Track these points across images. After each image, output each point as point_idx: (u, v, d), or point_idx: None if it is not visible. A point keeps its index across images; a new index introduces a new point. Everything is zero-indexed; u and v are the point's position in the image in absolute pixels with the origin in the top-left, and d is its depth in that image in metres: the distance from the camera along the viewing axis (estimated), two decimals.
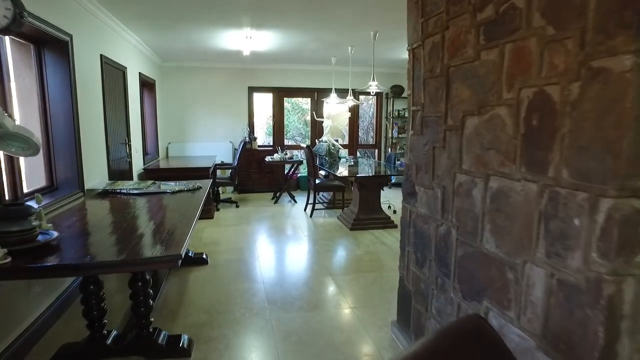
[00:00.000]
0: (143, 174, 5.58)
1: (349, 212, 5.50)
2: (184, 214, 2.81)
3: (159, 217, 2.87)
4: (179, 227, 2.40)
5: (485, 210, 1.69)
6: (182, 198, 3.48)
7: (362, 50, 6.11)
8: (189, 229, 2.32)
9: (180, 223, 2.49)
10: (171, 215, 2.89)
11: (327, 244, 4.66)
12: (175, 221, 2.62)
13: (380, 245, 4.60)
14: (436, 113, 2.07)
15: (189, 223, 2.52)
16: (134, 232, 2.39)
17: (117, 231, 2.38)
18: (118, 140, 4.64)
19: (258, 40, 5.47)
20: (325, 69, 7.82)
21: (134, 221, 2.69)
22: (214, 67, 7.60)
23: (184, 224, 2.48)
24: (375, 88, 4.88)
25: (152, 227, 2.50)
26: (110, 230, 2.42)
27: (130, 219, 2.77)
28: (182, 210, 3.01)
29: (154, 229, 2.46)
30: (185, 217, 2.72)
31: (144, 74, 6.08)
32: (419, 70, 2.27)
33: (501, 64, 1.54)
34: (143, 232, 2.39)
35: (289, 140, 10.59)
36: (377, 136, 8.70)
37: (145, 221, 2.74)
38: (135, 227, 2.51)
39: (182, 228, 2.38)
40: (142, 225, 2.59)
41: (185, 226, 2.40)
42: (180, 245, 2.00)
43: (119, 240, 2.19)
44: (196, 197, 3.52)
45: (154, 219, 2.80)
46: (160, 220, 2.72)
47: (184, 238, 2.13)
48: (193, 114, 7.71)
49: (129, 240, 2.16)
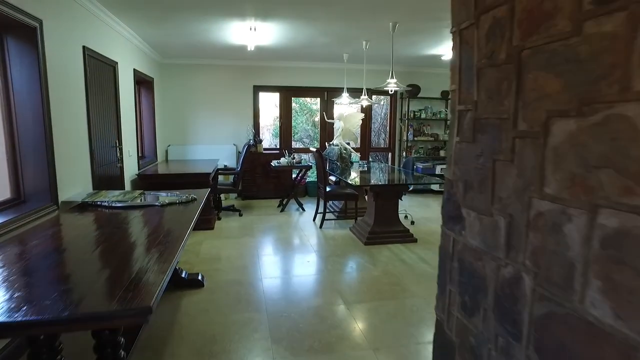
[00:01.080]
0: (137, 181, 5.09)
1: (363, 223, 4.97)
2: (170, 237, 2.30)
3: (139, 241, 2.35)
4: (158, 260, 1.89)
5: (589, 258, 1.14)
6: (172, 212, 2.98)
7: (378, 46, 5.58)
8: (170, 265, 1.80)
9: (160, 256, 1.97)
10: (153, 238, 2.37)
11: (339, 261, 4.13)
12: (153, 250, 2.11)
13: (399, 263, 4.06)
14: (498, 114, 1.52)
15: (172, 251, 2.01)
16: (100, 264, 1.88)
17: (78, 265, 1.87)
18: (106, 143, 4.16)
19: (263, 33, 4.96)
20: (337, 66, 7.29)
21: (106, 247, 2.18)
22: (217, 65, 7.11)
23: (165, 255, 1.96)
24: (394, 86, 4.34)
25: (125, 259, 1.99)
26: (69, 263, 1.91)
27: (102, 242, 2.26)
28: (170, 229, 2.50)
29: (126, 262, 1.95)
30: (170, 241, 2.21)
31: (141, 71, 5.60)
32: (469, 58, 1.73)
33: (631, 38, 1.00)
34: (110, 266, 1.88)
35: (297, 143, 10.09)
36: (390, 139, 8.15)
37: (120, 248, 2.22)
38: (103, 258, 2.00)
39: (161, 262, 1.86)
40: (113, 254, 2.07)
41: (166, 259, 1.88)
42: (151, 294, 1.48)
43: (77, 281, 1.67)
44: (189, 211, 3.01)
45: (131, 244, 2.29)
46: (139, 247, 2.21)
47: (159, 280, 1.61)
48: (194, 115, 7.23)
49: (87, 282, 1.65)
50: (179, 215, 2.88)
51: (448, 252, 1.96)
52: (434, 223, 5.68)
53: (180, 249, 2.14)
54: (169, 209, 3.04)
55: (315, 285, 3.59)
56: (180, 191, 3.51)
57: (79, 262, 1.92)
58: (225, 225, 5.50)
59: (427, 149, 8.09)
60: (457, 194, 1.85)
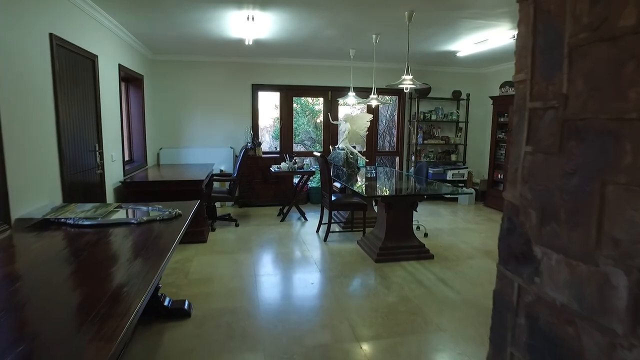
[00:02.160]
0: (121, 189, 4.58)
1: (373, 237, 4.45)
2: (140, 268, 1.79)
3: (100, 274, 1.83)
4: (116, 312, 1.37)
5: None
6: (150, 232, 2.46)
7: (389, 40, 5.08)
8: (129, 319, 1.29)
9: (115, 302, 1.45)
10: (120, 268, 1.86)
11: (347, 283, 3.61)
12: (114, 285, 1.60)
13: (416, 286, 3.54)
14: (613, 112, 1.01)
15: (138, 293, 1.50)
16: (32, 324, 1.37)
17: (25, 304, 1.36)
18: (83, 146, 3.65)
19: (262, 25, 4.45)
20: (342, 64, 6.79)
21: (49, 291, 1.65)
22: (213, 62, 6.60)
23: (125, 300, 1.45)
24: (409, 83, 3.84)
25: (69, 311, 1.48)
26: (16, 299, 1.40)
27: (49, 280, 1.74)
28: (142, 257, 1.99)
29: (70, 315, 1.44)
30: (139, 274, 1.71)
31: (128, 67, 5.09)
32: (554, 33, 1.22)
33: None
34: (43, 328, 1.36)
35: (298, 145, 9.58)
36: (398, 142, 7.64)
37: (69, 290, 1.71)
38: (39, 311, 1.48)
39: (120, 314, 1.34)
40: (55, 303, 1.56)
41: (126, 313, 1.36)
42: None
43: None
44: (171, 229, 2.50)
45: (84, 282, 1.77)
46: (99, 282, 1.69)
47: (117, 334, 1.10)
48: (188, 116, 6.72)
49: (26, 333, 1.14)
50: (157, 237, 2.37)
51: (509, 303, 1.42)
52: (448, 235, 5.17)
53: (150, 289, 1.63)
54: (148, 228, 2.53)
55: (321, 314, 3.07)
56: (165, 204, 3.00)
57: (26, 298, 1.40)
58: (219, 237, 4.98)
59: (438, 152, 7.59)
60: (526, 225, 1.31)
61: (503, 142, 6.68)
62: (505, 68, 6.92)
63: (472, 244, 4.79)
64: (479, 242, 4.89)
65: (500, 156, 6.76)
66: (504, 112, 6.61)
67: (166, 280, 3.59)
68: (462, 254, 4.44)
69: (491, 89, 7.13)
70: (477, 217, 6.20)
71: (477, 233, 5.29)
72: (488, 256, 4.36)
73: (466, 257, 4.32)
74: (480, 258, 4.30)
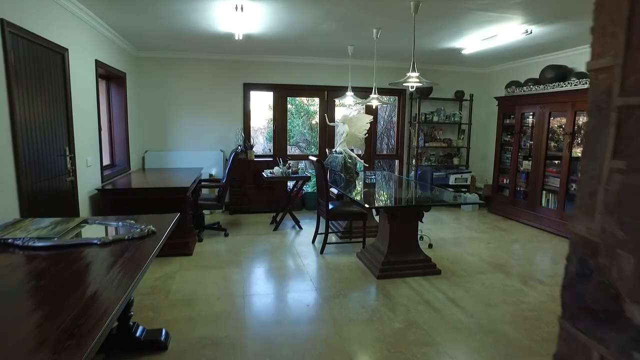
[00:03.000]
0: (97, 197, 4.16)
1: (374, 250, 4.07)
2: (88, 314, 1.39)
3: (46, 313, 1.43)
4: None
5: None
6: (116, 254, 2.06)
7: (390, 36, 4.71)
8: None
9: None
10: (65, 308, 1.45)
11: (347, 305, 3.22)
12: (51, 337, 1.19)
13: (425, 308, 3.16)
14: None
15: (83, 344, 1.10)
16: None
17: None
18: (49, 151, 3.24)
19: (252, 16, 4.06)
20: (339, 62, 6.42)
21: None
22: (202, 59, 6.20)
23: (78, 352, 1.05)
24: (415, 81, 3.47)
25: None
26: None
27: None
28: (96, 292, 1.59)
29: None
30: (86, 324, 1.31)
31: (107, 63, 4.68)
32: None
33: None
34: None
35: (292, 148, 9.19)
36: (398, 145, 7.27)
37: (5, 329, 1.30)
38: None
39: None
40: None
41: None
42: None
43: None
44: (143, 250, 2.10)
45: (22, 321, 1.37)
46: (39, 329, 1.29)
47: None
48: (176, 117, 6.30)
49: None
50: (124, 261, 1.96)
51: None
52: (454, 246, 4.80)
53: (95, 341, 1.23)
54: (113, 250, 2.13)
55: (318, 344, 2.67)
56: (141, 218, 2.60)
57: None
58: (207, 249, 4.58)
59: (439, 156, 7.22)
60: (612, 272, 0.91)
61: (509, 145, 6.32)
62: (511, 67, 6.58)
63: (480, 256, 4.42)
64: (487, 253, 4.53)
65: (506, 160, 6.41)
66: (510, 113, 6.26)
67: (143, 301, 3.19)
68: (471, 268, 4.07)
69: (495, 89, 6.78)
70: (482, 225, 5.84)
71: (485, 243, 4.92)
72: (499, 270, 3.99)
73: (476, 272, 3.95)
74: (491, 273, 3.93)
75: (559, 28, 4.35)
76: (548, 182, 5.58)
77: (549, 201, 5.56)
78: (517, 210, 6.07)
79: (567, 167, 5.19)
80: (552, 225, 5.42)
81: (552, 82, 5.38)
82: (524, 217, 5.91)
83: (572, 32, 4.53)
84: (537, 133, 5.66)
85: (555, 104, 5.37)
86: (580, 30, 4.44)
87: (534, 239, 5.17)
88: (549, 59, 5.76)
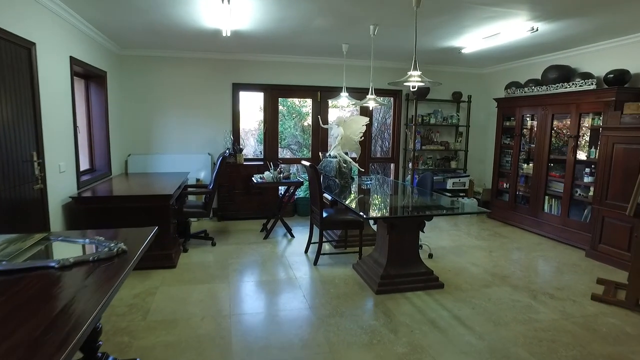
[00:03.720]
0: (71, 206, 3.83)
1: (372, 262, 3.79)
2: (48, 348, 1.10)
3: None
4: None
5: None
6: (78, 279, 1.75)
7: (388, 32, 4.45)
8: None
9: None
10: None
11: (344, 325, 2.93)
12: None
13: (429, 328, 2.89)
14: None
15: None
16: None
17: None
18: (13, 156, 2.91)
19: (240, 10, 3.77)
20: (333, 62, 6.16)
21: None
22: (188, 58, 5.88)
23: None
24: (417, 80, 3.19)
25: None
26: None
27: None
28: (54, 329, 1.29)
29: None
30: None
31: (85, 61, 4.35)
32: None
33: None
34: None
35: (284, 150, 8.89)
36: (393, 147, 7.01)
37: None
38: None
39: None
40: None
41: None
42: None
43: None
44: (109, 274, 1.79)
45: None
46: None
47: None
48: (161, 118, 5.97)
49: None
50: (82, 288, 1.66)
51: None
52: (455, 255, 4.54)
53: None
54: (75, 274, 1.82)
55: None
56: (108, 234, 2.29)
57: None
58: (192, 260, 4.26)
59: (436, 159, 6.98)
60: None
61: (509, 148, 6.09)
62: (511, 67, 6.36)
63: (484, 267, 4.17)
64: (490, 264, 4.27)
65: (506, 163, 6.18)
66: (510, 115, 6.03)
67: (119, 323, 2.87)
68: (475, 280, 3.81)
69: (494, 90, 6.56)
70: (482, 232, 5.60)
71: (487, 252, 4.67)
72: (505, 283, 3.74)
73: (481, 285, 3.69)
74: (497, 286, 3.67)
75: (567, 26, 4.12)
76: (551, 187, 5.35)
77: (552, 207, 5.34)
78: (517, 216, 5.83)
79: (571, 171, 4.96)
80: (555, 232, 5.19)
81: (555, 82, 5.16)
82: (525, 223, 5.68)
83: (578, 31, 4.30)
84: (539, 136, 5.43)
85: (558, 106, 5.15)
86: (587, 28, 4.21)
87: (538, 247, 4.93)
88: (550, 59, 5.54)
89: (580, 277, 3.92)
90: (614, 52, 4.70)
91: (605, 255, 4.31)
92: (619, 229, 4.18)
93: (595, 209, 4.44)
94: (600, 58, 4.84)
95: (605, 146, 4.33)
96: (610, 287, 3.55)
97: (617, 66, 4.55)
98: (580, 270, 4.08)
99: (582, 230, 4.81)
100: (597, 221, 4.41)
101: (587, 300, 3.38)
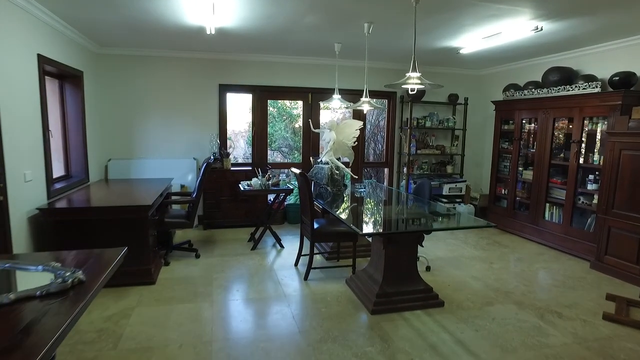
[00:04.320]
0: (38, 218, 3.50)
1: (367, 278, 3.52)
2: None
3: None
4: None
5: None
6: (20, 320, 1.45)
7: (384, 31, 4.18)
8: None
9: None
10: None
11: (337, 352, 2.65)
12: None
13: (430, 355, 2.62)
14: None
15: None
16: None
17: None
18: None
19: (225, 6, 3.48)
20: (325, 62, 5.89)
21: None
22: (172, 57, 5.57)
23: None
24: (416, 82, 2.93)
25: None
26: None
27: None
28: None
29: None
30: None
31: (57, 59, 4.03)
32: None
33: None
34: None
35: (275, 153, 8.61)
36: (387, 152, 6.75)
37: None
38: None
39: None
40: None
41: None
42: None
43: None
44: (60, 312, 1.49)
45: None
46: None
47: None
48: (143, 121, 5.64)
49: None
50: (26, 334, 1.35)
51: None
52: (454, 267, 4.29)
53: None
54: (16, 314, 1.51)
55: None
56: (67, 258, 1.99)
57: None
58: (174, 274, 3.96)
59: (432, 164, 6.73)
60: None
61: (507, 152, 5.87)
62: (509, 69, 6.14)
63: (485, 281, 3.92)
64: (492, 277, 4.03)
65: (504, 168, 5.95)
66: (508, 118, 5.81)
67: (85, 354, 2.57)
68: (477, 297, 3.55)
69: (492, 93, 6.34)
70: (481, 241, 5.36)
71: (487, 264, 4.43)
72: (510, 300, 3.49)
73: (484, 303, 3.44)
74: (501, 303, 3.42)
75: (572, 25, 3.89)
76: (552, 194, 5.13)
77: (553, 214, 5.12)
78: (517, 224, 5.61)
79: (574, 177, 4.74)
80: (556, 241, 4.97)
81: (557, 85, 4.94)
82: (525, 232, 5.46)
83: (582, 31, 4.08)
84: (540, 140, 5.20)
85: (560, 109, 4.93)
86: (592, 29, 3.99)
87: (539, 257, 4.70)
88: (551, 61, 5.33)
89: (588, 292, 3.69)
90: (619, 54, 4.49)
91: (612, 268, 4.09)
92: (627, 240, 3.96)
93: (601, 219, 4.22)
94: (605, 60, 4.62)
95: (611, 152, 4.12)
96: (622, 304, 3.32)
97: (623, 68, 4.33)
98: (586, 284, 3.85)
99: (585, 240, 4.59)
100: (603, 231, 4.19)
101: (599, 320, 3.14)
